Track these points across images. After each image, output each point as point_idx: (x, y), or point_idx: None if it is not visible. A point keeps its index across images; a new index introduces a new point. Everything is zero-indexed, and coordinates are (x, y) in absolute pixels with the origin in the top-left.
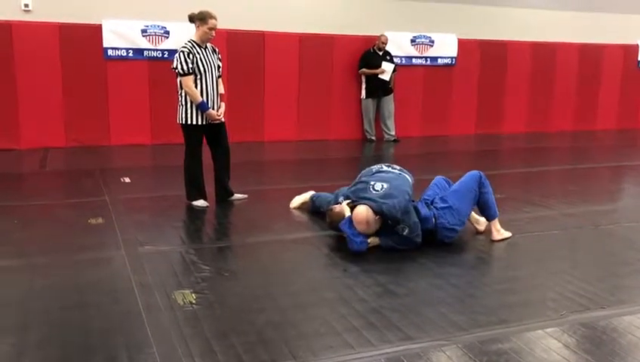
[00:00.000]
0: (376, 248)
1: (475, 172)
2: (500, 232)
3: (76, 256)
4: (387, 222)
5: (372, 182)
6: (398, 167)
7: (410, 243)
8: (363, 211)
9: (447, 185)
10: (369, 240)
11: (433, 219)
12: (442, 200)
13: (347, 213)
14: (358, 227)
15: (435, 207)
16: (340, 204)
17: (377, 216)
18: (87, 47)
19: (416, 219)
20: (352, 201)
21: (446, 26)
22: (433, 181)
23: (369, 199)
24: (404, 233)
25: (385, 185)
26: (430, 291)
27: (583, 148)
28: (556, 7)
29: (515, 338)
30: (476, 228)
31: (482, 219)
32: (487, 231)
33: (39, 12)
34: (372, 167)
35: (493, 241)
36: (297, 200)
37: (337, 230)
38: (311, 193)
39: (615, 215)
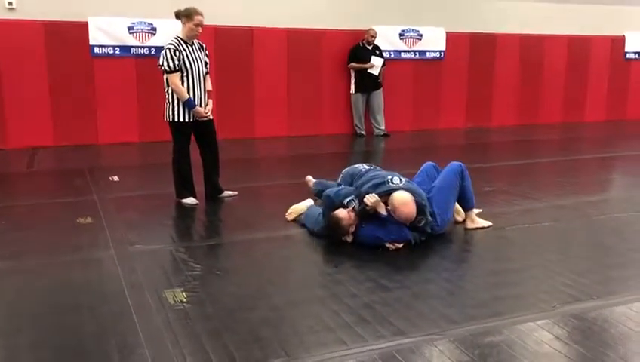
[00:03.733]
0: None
1: (456, 165)
2: (474, 221)
3: (65, 256)
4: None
5: (389, 177)
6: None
7: (425, 233)
8: (405, 193)
9: (435, 173)
10: (397, 246)
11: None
12: (428, 200)
13: (382, 210)
14: (403, 209)
15: None
16: (346, 208)
17: None
18: (73, 45)
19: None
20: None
21: (434, 20)
22: (423, 167)
23: (395, 191)
24: (421, 224)
25: (403, 179)
26: (421, 285)
27: (572, 140)
28: None
29: (506, 330)
30: (455, 218)
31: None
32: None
33: (23, 10)
34: (356, 166)
35: (467, 230)
36: (294, 212)
37: (340, 237)
38: (309, 202)
39: (605, 206)
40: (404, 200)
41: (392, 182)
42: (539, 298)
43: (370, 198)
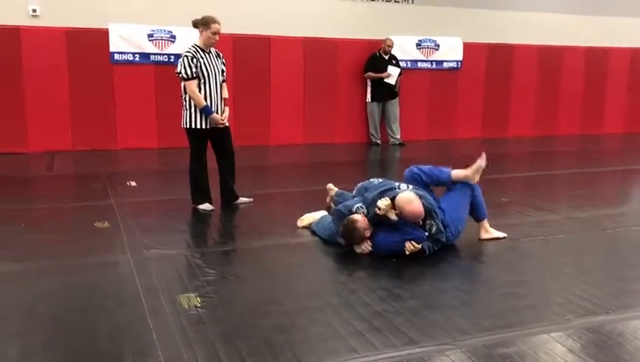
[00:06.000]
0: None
1: None
2: (488, 232)
3: (82, 259)
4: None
5: (396, 184)
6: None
7: (439, 242)
8: (408, 193)
9: (420, 179)
10: (416, 246)
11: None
12: (441, 210)
13: (392, 215)
14: (409, 208)
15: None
16: (356, 213)
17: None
18: (94, 52)
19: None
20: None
21: (451, 30)
22: (405, 177)
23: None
24: (433, 231)
25: (410, 186)
26: (434, 295)
27: (589, 152)
28: (562, 10)
29: (519, 342)
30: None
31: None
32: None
33: (47, 17)
34: (370, 181)
35: (481, 240)
36: (306, 220)
37: (356, 240)
38: (323, 213)
39: (622, 219)
40: (407, 199)
41: (399, 188)
42: (553, 310)
43: (384, 201)
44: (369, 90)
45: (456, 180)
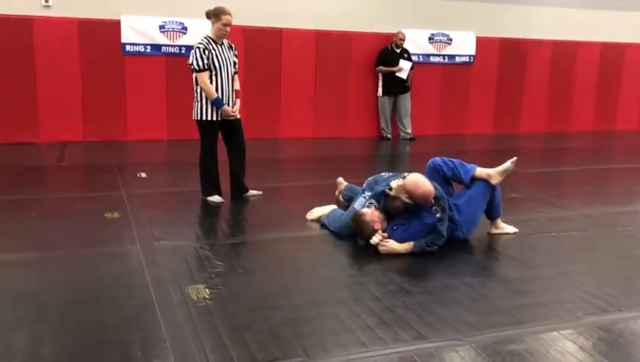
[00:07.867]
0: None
1: None
2: (499, 227)
3: (92, 249)
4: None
5: (404, 175)
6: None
7: (440, 237)
8: (415, 175)
9: (442, 171)
10: (403, 248)
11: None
12: (456, 206)
13: (404, 196)
14: (418, 189)
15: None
16: (368, 208)
17: None
18: (105, 43)
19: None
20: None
21: (464, 24)
22: (427, 167)
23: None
24: (437, 215)
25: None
26: (444, 290)
27: (602, 149)
28: (577, 5)
29: (529, 339)
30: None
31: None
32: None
33: (59, 7)
34: (381, 175)
35: (491, 234)
36: (316, 213)
37: (367, 234)
38: (332, 207)
39: (634, 217)
40: (415, 182)
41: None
42: (563, 307)
43: (397, 181)
44: (380, 83)
45: (477, 177)
